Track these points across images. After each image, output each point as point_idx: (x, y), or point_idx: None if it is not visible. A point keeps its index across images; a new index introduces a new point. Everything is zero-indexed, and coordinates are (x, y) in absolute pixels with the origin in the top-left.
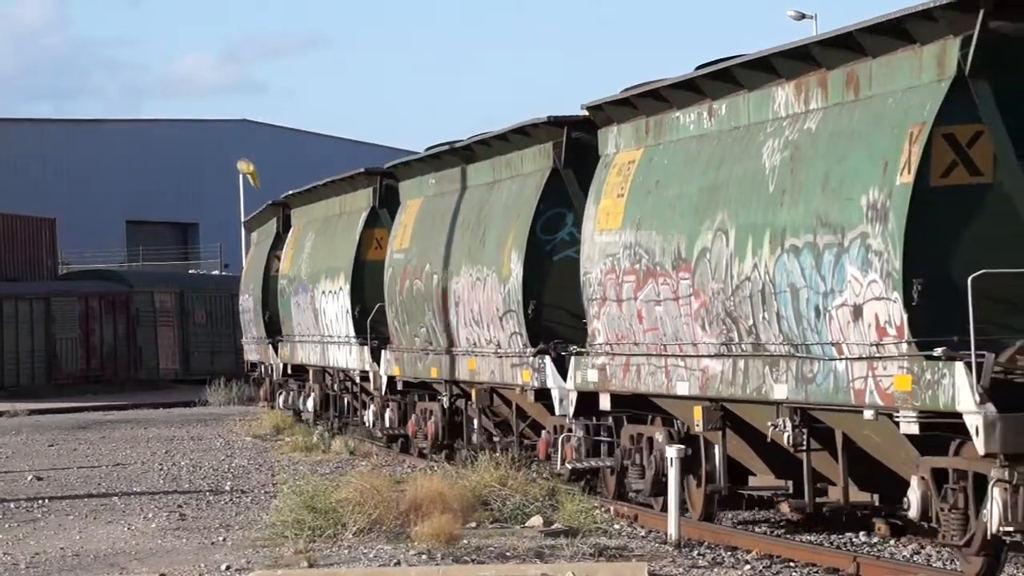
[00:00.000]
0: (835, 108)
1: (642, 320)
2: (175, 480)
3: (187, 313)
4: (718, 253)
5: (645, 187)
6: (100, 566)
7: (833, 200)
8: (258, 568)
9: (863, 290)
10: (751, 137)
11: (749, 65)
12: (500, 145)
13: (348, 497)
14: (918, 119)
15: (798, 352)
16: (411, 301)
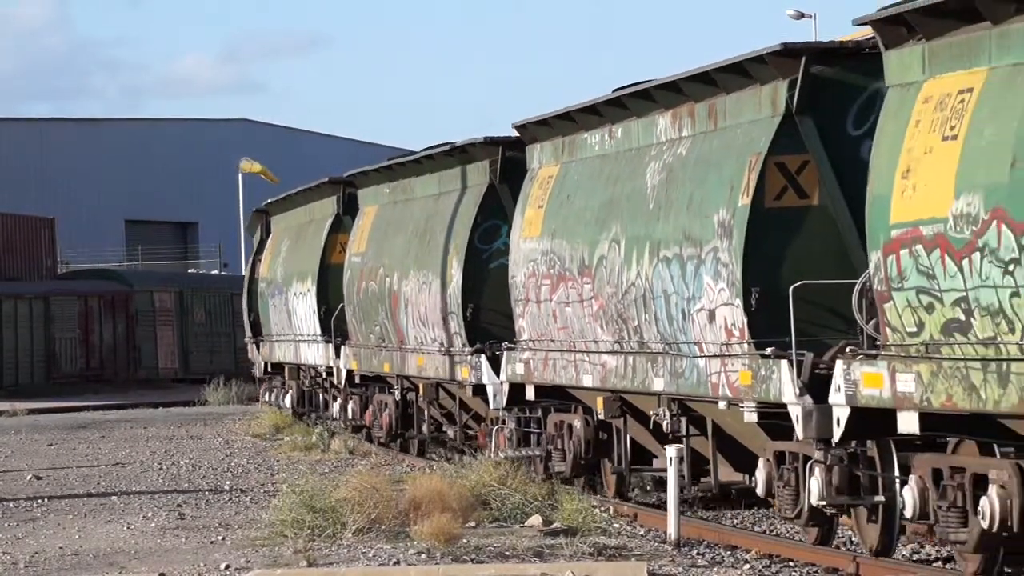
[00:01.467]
0: (700, 136)
1: (556, 319)
2: (174, 479)
3: (186, 312)
4: (612, 261)
5: (560, 200)
6: (99, 565)
7: (695, 218)
8: (257, 567)
9: (715, 296)
10: (639, 158)
11: (637, 95)
12: (445, 160)
13: (347, 496)
14: (756, 149)
15: (671, 350)
16: (367, 301)
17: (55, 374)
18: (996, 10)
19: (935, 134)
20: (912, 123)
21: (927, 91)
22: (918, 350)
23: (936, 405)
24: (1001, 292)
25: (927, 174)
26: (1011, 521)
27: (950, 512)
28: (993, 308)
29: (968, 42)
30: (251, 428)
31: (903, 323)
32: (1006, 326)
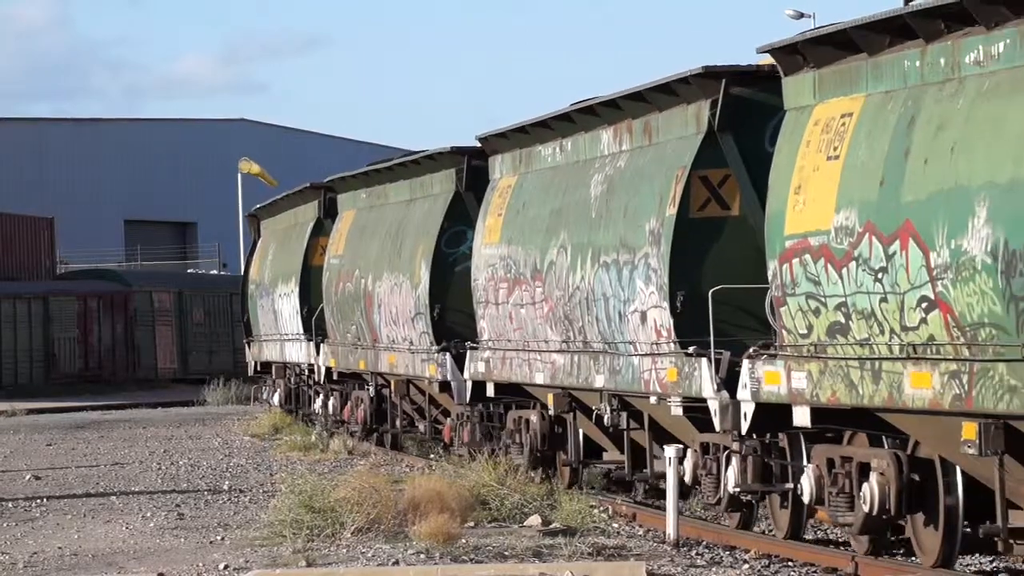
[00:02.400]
0: (637, 150)
1: (512, 320)
2: (173, 479)
3: (185, 312)
4: (560, 266)
5: (516, 208)
6: (98, 565)
7: (630, 226)
8: (256, 567)
9: (647, 299)
10: (585, 170)
11: (583, 111)
12: (415, 168)
13: (346, 496)
14: (682, 163)
15: (610, 349)
16: (344, 301)
17: (54, 374)
18: (871, 42)
19: (821, 154)
20: (804, 143)
21: (817, 115)
22: (808, 350)
23: (824, 400)
24: (872, 298)
25: (814, 190)
26: (889, 505)
27: (839, 497)
28: (867, 312)
29: (849, 71)
30: (250, 428)
31: (796, 326)
32: (877, 328)
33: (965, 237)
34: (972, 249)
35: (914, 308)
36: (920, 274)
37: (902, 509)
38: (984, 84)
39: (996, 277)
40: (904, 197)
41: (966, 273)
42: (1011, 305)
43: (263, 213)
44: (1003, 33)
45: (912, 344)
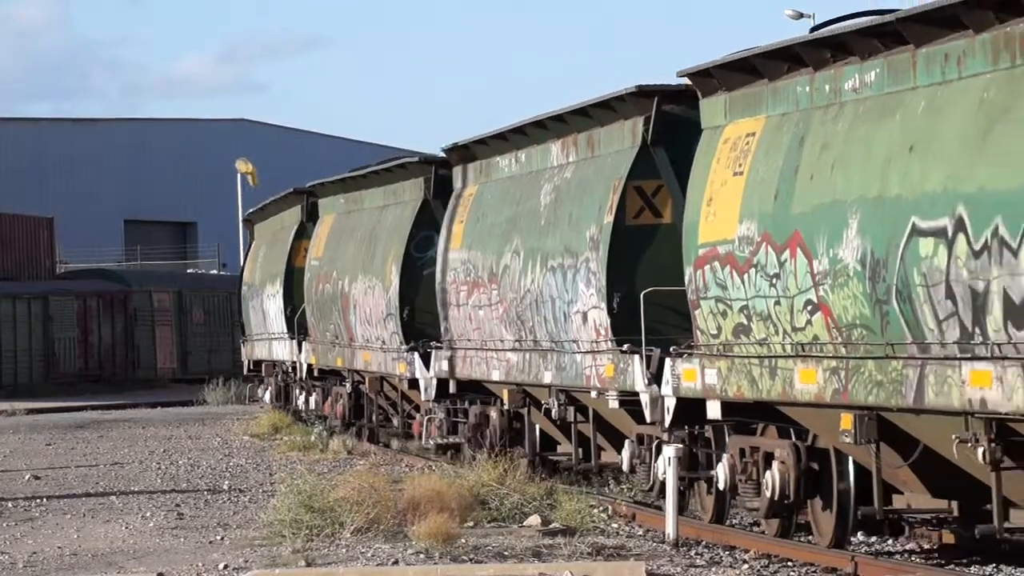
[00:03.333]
0: (582, 162)
1: (472, 321)
2: (173, 479)
3: (185, 312)
4: (514, 270)
5: (476, 216)
6: (98, 565)
7: (573, 233)
8: (256, 567)
9: (587, 300)
10: (536, 180)
11: (535, 124)
12: (388, 176)
13: (346, 496)
14: (620, 174)
15: (556, 347)
16: (323, 302)
17: (54, 374)
18: (771, 69)
19: (729, 170)
20: (715, 160)
21: (727, 134)
22: (718, 349)
23: (731, 395)
24: (768, 301)
25: (723, 203)
26: (789, 491)
27: (748, 484)
28: (764, 314)
29: (754, 94)
30: (249, 428)
31: (708, 327)
32: (773, 329)
33: (841, 246)
34: (846, 257)
35: (801, 310)
36: (805, 280)
37: (800, 494)
38: (859, 109)
39: (864, 283)
40: (794, 210)
41: (841, 279)
42: (876, 308)
43: (256, 217)
44: (875, 63)
45: (800, 343)
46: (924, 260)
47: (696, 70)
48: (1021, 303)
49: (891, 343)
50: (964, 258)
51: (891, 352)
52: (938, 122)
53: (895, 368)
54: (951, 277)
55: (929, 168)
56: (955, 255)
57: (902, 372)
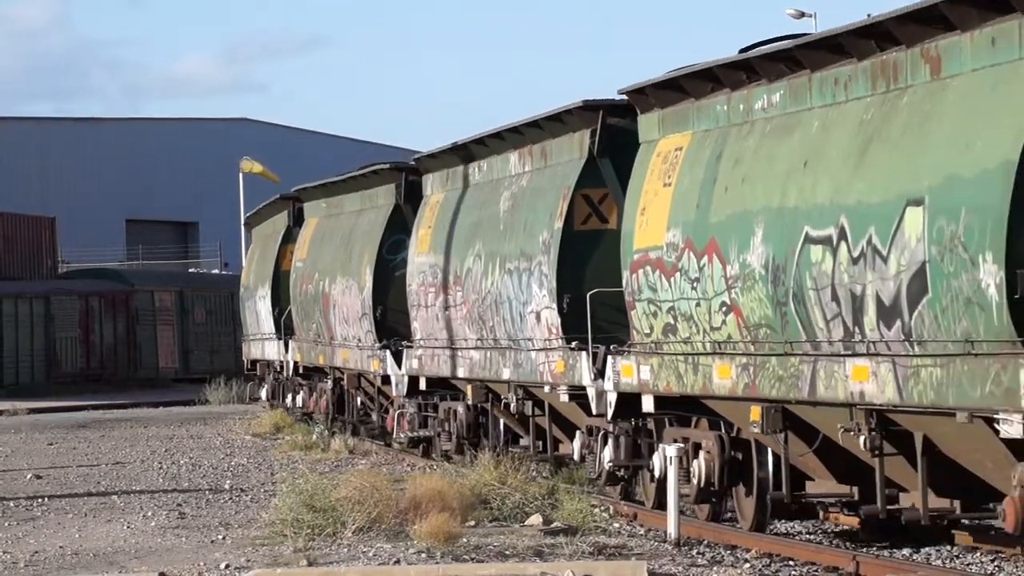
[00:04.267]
0: (536, 171)
1: (439, 321)
2: (174, 479)
3: (187, 312)
4: (476, 272)
5: (443, 222)
6: (99, 564)
7: (528, 237)
8: (257, 567)
9: (540, 301)
10: (497, 188)
11: (495, 136)
12: (364, 181)
13: (347, 495)
14: (569, 183)
15: (514, 345)
16: (307, 302)
17: (55, 373)
18: (697, 88)
19: (660, 181)
20: (649, 172)
21: (659, 148)
22: (650, 347)
23: (662, 390)
24: (691, 303)
25: (654, 212)
26: (714, 479)
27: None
28: (688, 315)
29: (682, 111)
30: (251, 427)
31: (642, 326)
32: (695, 328)
33: (748, 253)
34: (753, 263)
35: (717, 311)
36: (720, 283)
37: (724, 482)
38: (766, 127)
39: (768, 286)
40: (711, 219)
41: (749, 283)
42: (777, 309)
43: (253, 220)
44: (779, 85)
45: (717, 342)
46: (814, 266)
47: (634, 88)
48: (890, 305)
49: (789, 341)
50: (845, 264)
51: (789, 349)
52: (827, 140)
53: (793, 364)
54: (835, 281)
55: (819, 182)
56: (839, 261)
57: (799, 368)
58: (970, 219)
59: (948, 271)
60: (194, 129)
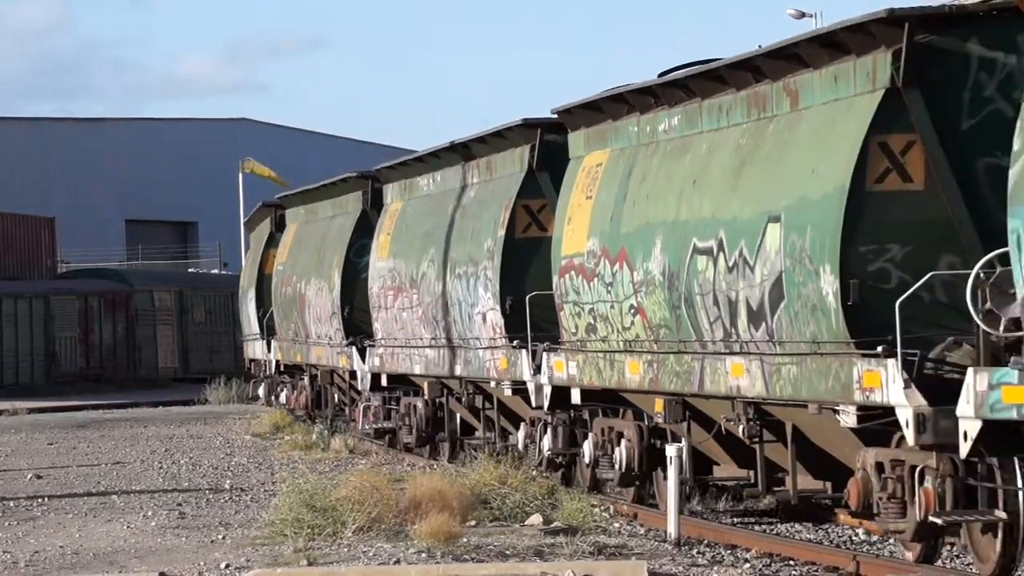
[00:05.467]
0: (483, 183)
1: (397, 322)
2: (174, 478)
3: (186, 312)
4: (430, 276)
5: (400, 229)
6: (99, 564)
7: (475, 244)
8: (257, 566)
9: (486, 303)
10: (449, 198)
11: (447, 149)
12: (335, 189)
13: (347, 495)
14: (511, 195)
15: (464, 344)
16: (286, 303)
17: (55, 373)
18: (614, 110)
19: (583, 194)
20: (575, 185)
21: (585, 163)
22: (576, 345)
23: (586, 383)
24: (607, 305)
25: (578, 222)
26: (634, 464)
27: (605, 459)
28: (604, 316)
29: (603, 131)
30: (251, 427)
31: (569, 326)
32: (611, 328)
33: (651, 261)
34: (654, 270)
35: (627, 313)
36: (629, 288)
37: (644, 467)
38: (667, 148)
39: (666, 291)
40: (622, 230)
41: (651, 288)
42: (673, 312)
43: (249, 225)
44: (677, 110)
45: (628, 340)
46: (700, 273)
47: (564, 108)
48: (756, 309)
49: (683, 341)
50: (723, 273)
51: (683, 348)
52: (712, 161)
53: (687, 361)
54: (716, 288)
55: (704, 199)
56: (718, 270)
57: (691, 364)
58: (814, 235)
59: (799, 280)
60: (194, 129)
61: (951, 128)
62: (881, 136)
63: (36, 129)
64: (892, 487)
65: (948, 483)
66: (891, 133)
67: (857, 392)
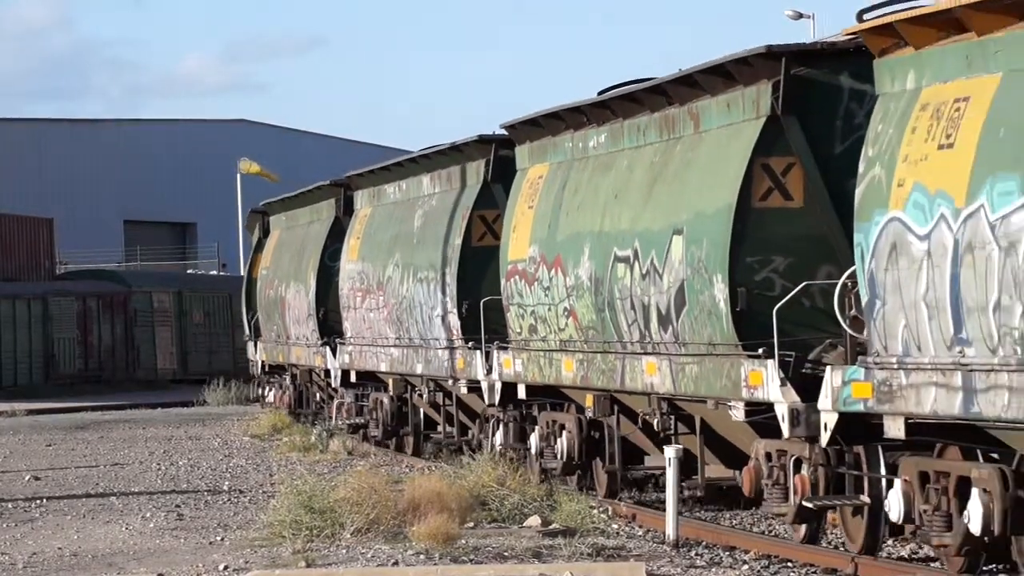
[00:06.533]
0: (443, 193)
1: (365, 322)
2: (173, 480)
3: (185, 313)
4: (395, 279)
5: (369, 233)
6: (98, 566)
7: (435, 251)
8: (256, 568)
9: (445, 306)
10: (413, 206)
11: (411, 160)
12: (311, 196)
13: (346, 497)
14: (468, 205)
15: (425, 344)
16: (269, 306)
17: (54, 374)
18: (553, 127)
19: (526, 204)
20: (521, 196)
21: (529, 175)
22: (521, 344)
23: (530, 380)
24: (545, 307)
25: (522, 230)
26: (575, 454)
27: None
28: (543, 317)
29: (544, 145)
30: (250, 429)
31: (515, 327)
32: (549, 329)
33: (580, 267)
34: (583, 276)
35: (562, 315)
36: (563, 292)
37: (583, 456)
38: (596, 163)
39: (593, 296)
40: (558, 238)
41: (581, 292)
42: (599, 315)
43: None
44: (604, 128)
45: (563, 340)
46: (620, 280)
47: (511, 124)
48: (665, 313)
49: (607, 341)
50: (638, 280)
51: (608, 348)
52: (631, 177)
53: (611, 360)
54: (632, 293)
55: (623, 211)
56: (634, 277)
57: (614, 363)
58: (709, 247)
59: (698, 288)
60: (192, 130)
61: (826, 151)
62: (764, 158)
63: (35, 130)
64: (776, 475)
65: (820, 471)
66: (772, 156)
67: (744, 389)
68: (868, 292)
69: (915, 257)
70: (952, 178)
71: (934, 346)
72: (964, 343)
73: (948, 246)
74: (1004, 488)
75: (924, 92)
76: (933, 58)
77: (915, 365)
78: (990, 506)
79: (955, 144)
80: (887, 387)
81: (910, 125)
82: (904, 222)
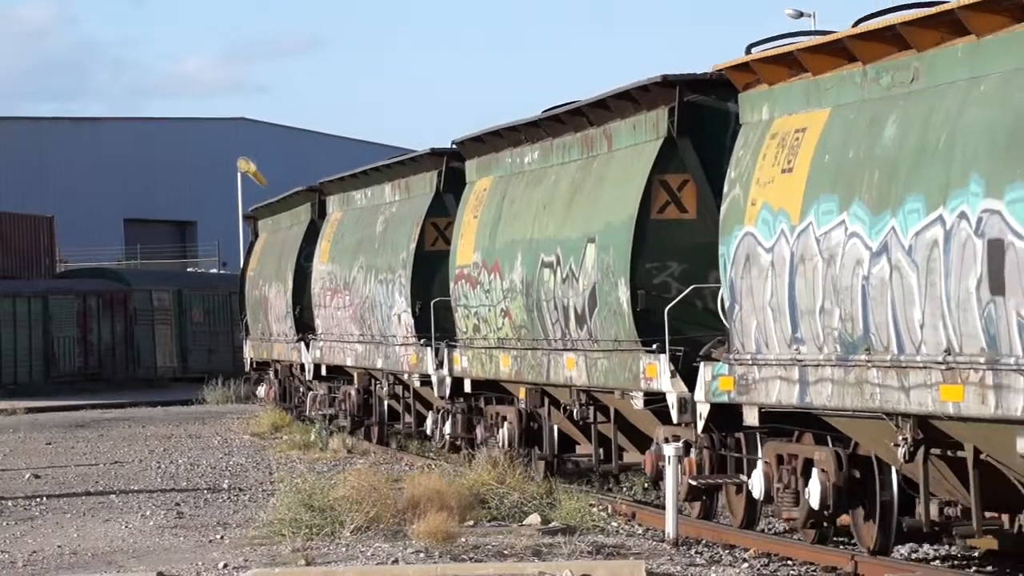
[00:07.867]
0: (402, 201)
1: (334, 319)
2: (173, 478)
3: (185, 311)
4: (359, 280)
5: (338, 237)
6: (98, 564)
7: (393, 254)
8: (255, 566)
9: (401, 306)
10: (376, 213)
11: (375, 169)
12: (291, 201)
13: (346, 495)
14: (422, 213)
15: (384, 340)
16: (255, 305)
17: (54, 373)
18: (495, 144)
19: (472, 214)
20: (468, 206)
21: (476, 187)
22: (467, 342)
23: (475, 375)
24: (486, 308)
25: (467, 237)
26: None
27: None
28: (485, 317)
29: (488, 160)
30: (249, 427)
31: (462, 326)
32: (489, 328)
33: (514, 272)
34: (516, 280)
35: (499, 316)
36: (500, 294)
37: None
38: (530, 177)
39: (525, 298)
40: (497, 245)
41: (514, 294)
42: (529, 315)
43: None
44: (537, 146)
45: (501, 338)
46: (545, 283)
47: (460, 140)
48: (580, 314)
49: (535, 339)
50: (560, 283)
51: (536, 345)
52: (557, 190)
53: (539, 356)
54: (555, 295)
55: (549, 221)
56: (556, 281)
57: (542, 359)
58: (615, 254)
59: (606, 290)
60: (192, 129)
61: (716, 170)
62: (662, 175)
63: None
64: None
65: (704, 454)
66: (669, 173)
67: (643, 381)
68: (729, 297)
69: (763, 267)
70: (790, 198)
71: (778, 344)
72: (799, 342)
73: (786, 258)
74: (839, 468)
75: (775, 123)
76: (782, 93)
77: (764, 361)
78: (827, 484)
79: (794, 169)
80: (744, 381)
81: (762, 151)
82: (755, 236)
